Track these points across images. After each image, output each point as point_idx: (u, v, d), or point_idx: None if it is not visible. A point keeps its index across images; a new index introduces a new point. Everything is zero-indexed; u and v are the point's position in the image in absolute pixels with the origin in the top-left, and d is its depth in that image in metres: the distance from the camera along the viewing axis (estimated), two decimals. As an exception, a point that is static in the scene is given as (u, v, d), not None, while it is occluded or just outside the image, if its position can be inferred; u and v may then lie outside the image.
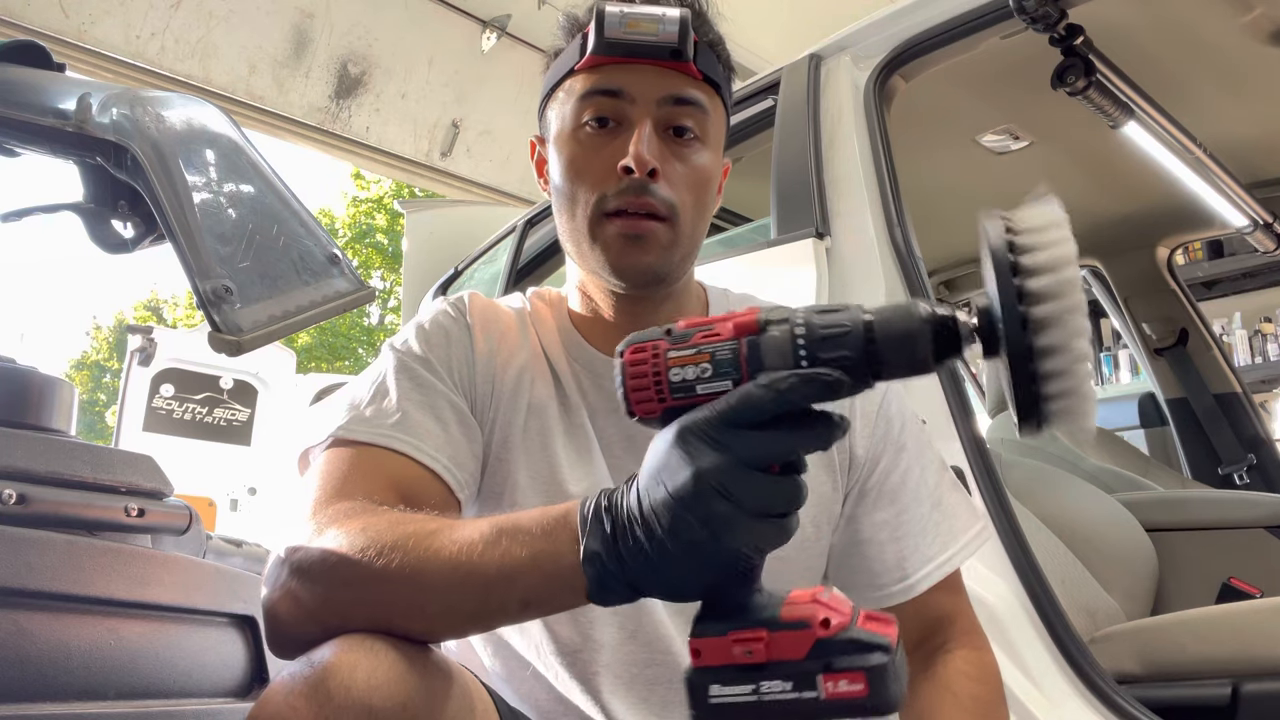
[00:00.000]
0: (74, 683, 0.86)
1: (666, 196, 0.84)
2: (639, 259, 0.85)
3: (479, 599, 0.63)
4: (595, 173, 0.85)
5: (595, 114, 0.86)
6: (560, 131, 0.89)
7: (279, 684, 0.61)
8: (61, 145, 1.11)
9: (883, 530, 0.91)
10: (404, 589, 0.64)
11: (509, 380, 0.89)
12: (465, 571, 0.62)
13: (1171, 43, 1.81)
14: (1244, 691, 1.19)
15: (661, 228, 0.85)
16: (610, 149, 0.85)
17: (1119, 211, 2.48)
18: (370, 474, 0.77)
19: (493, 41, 4.73)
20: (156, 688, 0.96)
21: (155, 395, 6.22)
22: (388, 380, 0.85)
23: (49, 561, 0.87)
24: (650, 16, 0.84)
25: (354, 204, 16.06)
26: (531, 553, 0.61)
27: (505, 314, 0.95)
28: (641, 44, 0.84)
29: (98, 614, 0.91)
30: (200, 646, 1.06)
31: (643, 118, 0.84)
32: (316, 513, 0.72)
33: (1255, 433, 2.49)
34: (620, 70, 0.85)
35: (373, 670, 0.60)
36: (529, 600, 0.62)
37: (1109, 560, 1.69)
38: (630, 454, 0.88)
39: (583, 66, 0.87)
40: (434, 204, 3.88)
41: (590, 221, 0.85)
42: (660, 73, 0.85)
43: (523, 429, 0.88)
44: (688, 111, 0.86)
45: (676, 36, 0.83)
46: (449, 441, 0.83)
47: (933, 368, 0.55)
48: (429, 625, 0.66)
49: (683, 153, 0.86)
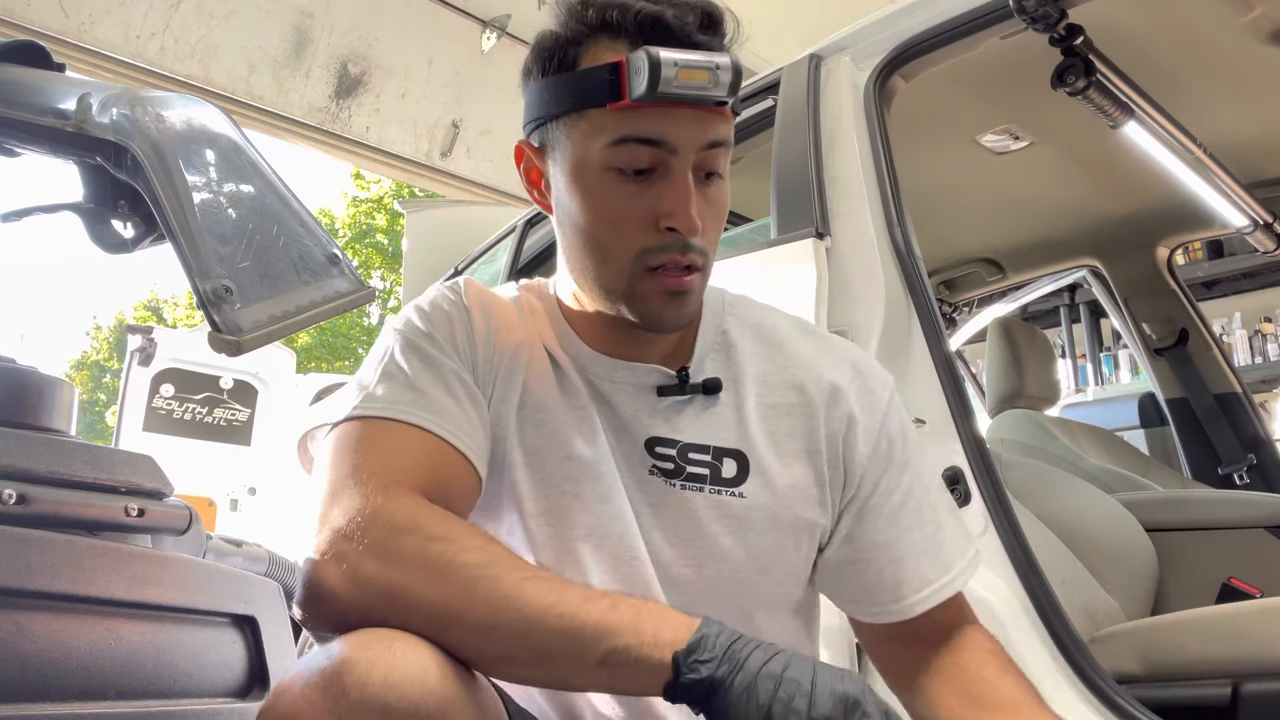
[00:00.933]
0: (74, 683, 0.86)
1: (703, 247, 0.82)
2: (678, 314, 0.84)
3: (565, 673, 0.67)
4: (632, 224, 0.81)
5: (633, 164, 0.80)
6: (582, 165, 0.82)
7: (295, 676, 0.62)
8: (61, 145, 1.11)
9: (882, 552, 0.89)
10: (494, 612, 0.66)
11: (506, 359, 0.88)
12: (559, 611, 0.66)
13: (1171, 43, 1.81)
14: (1244, 691, 1.19)
15: (698, 278, 0.83)
16: (647, 199, 0.80)
17: (1119, 211, 2.48)
18: (399, 450, 0.76)
19: (493, 41, 4.73)
20: (156, 688, 0.96)
21: (155, 395, 6.21)
22: (398, 358, 0.84)
23: (49, 561, 0.87)
24: (704, 65, 0.77)
25: (354, 204, 16.05)
26: (636, 618, 0.67)
27: (501, 299, 0.94)
28: (691, 96, 0.78)
29: (98, 614, 0.91)
30: (200, 646, 1.06)
31: (684, 169, 0.80)
32: (386, 490, 0.72)
33: (1255, 433, 2.48)
34: (662, 118, 0.79)
35: (390, 669, 0.61)
36: (612, 689, 0.68)
37: (1109, 560, 1.69)
38: (620, 442, 0.87)
39: (620, 106, 0.79)
40: (434, 204, 3.88)
41: (631, 277, 0.82)
42: (700, 118, 0.80)
43: (518, 406, 0.87)
44: (720, 153, 0.82)
45: (729, 88, 0.78)
46: (465, 418, 0.82)
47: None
48: (495, 670, 0.69)
49: (712, 194, 0.83)
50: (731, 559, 0.86)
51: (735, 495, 0.86)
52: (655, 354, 0.90)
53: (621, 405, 0.88)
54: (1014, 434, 2.27)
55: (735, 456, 0.87)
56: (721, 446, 0.87)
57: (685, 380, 0.88)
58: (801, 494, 0.88)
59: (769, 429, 0.89)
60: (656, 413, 0.88)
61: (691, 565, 0.86)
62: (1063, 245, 2.67)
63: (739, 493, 0.87)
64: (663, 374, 0.89)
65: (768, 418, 0.89)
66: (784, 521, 0.87)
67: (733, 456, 0.87)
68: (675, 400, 0.88)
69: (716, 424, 0.88)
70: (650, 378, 0.89)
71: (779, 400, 0.90)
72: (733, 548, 0.86)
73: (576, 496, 0.85)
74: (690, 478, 0.87)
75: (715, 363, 0.92)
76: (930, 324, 1.40)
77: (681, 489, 0.86)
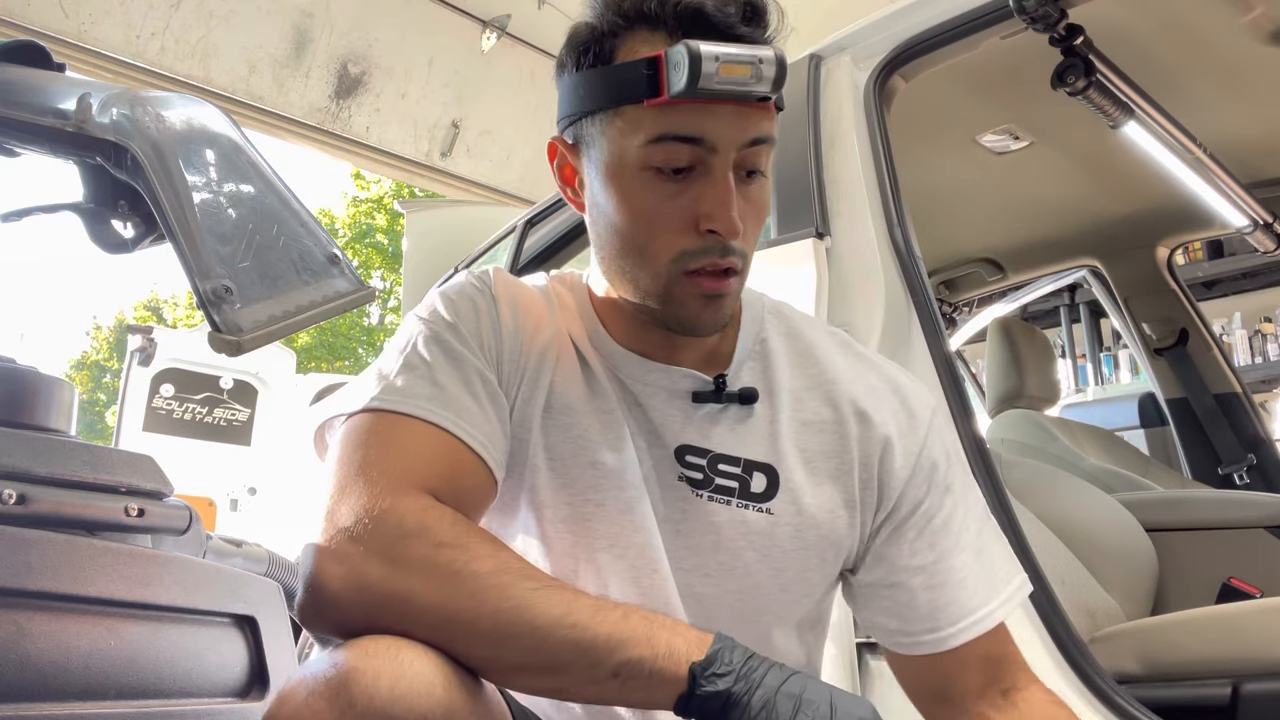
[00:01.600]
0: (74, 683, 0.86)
1: (743, 249, 0.80)
2: (714, 318, 0.81)
3: (576, 683, 0.66)
4: (671, 225, 0.78)
5: (673, 163, 0.77)
6: (619, 164, 0.79)
7: (299, 683, 0.60)
8: (61, 145, 1.11)
9: (918, 575, 0.85)
10: (505, 623, 0.65)
11: (533, 358, 0.85)
12: (571, 621, 0.65)
13: (1171, 43, 1.81)
14: (1244, 691, 1.19)
15: (736, 280, 0.81)
16: (686, 198, 0.77)
17: (1119, 211, 2.48)
18: (412, 448, 0.74)
19: (493, 41, 4.73)
20: (156, 688, 0.96)
21: (155, 395, 6.21)
22: (420, 349, 0.80)
23: (49, 561, 0.87)
24: (747, 59, 0.73)
25: (354, 204, 16.06)
26: (650, 630, 0.66)
27: (530, 291, 0.90)
28: (734, 92, 0.74)
29: (98, 614, 0.91)
30: (200, 646, 1.06)
31: (724, 168, 0.77)
32: (396, 491, 0.69)
33: (1255, 433, 2.49)
34: (702, 115, 0.75)
35: (396, 680, 0.60)
36: (625, 702, 0.66)
37: (1109, 560, 1.69)
38: (651, 446, 0.85)
39: (658, 103, 0.75)
40: (434, 204, 3.88)
41: (668, 279, 0.79)
42: (742, 114, 0.76)
43: (544, 408, 0.84)
44: (762, 151, 0.79)
45: (773, 82, 0.74)
46: (484, 418, 0.79)
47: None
48: (503, 679, 0.68)
49: (753, 194, 0.80)
50: (754, 575, 0.84)
51: (763, 511, 0.84)
52: (691, 358, 0.86)
53: (654, 410, 0.85)
54: (1014, 434, 2.27)
55: (765, 471, 0.85)
56: (752, 460, 0.85)
57: (722, 388, 0.85)
58: (829, 514, 0.85)
59: (801, 445, 0.86)
60: (690, 420, 0.85)
61: (713, 579, 0.84)
62: (1063, 245, 2.67)
63: (767, 509, 0.84)
64: (698, 379, 0.85)
65: (800, 434, 0.86)
66: (809, 541, 0.85)
67: (763, 471, 0.85)
68: (710, 408, 0.85)
69: (749, 436, 0.85)
70: (685, 382, 0.85)
71: (811, 417, 0.87)
72: (756, 564, 0.84)
73: (600, 505, 0.83)
74: (718, 489, 0.84)
75: (752, 372, 0.88)
76: (930, 324, 1.40)
77: (709, 500, 0.84)
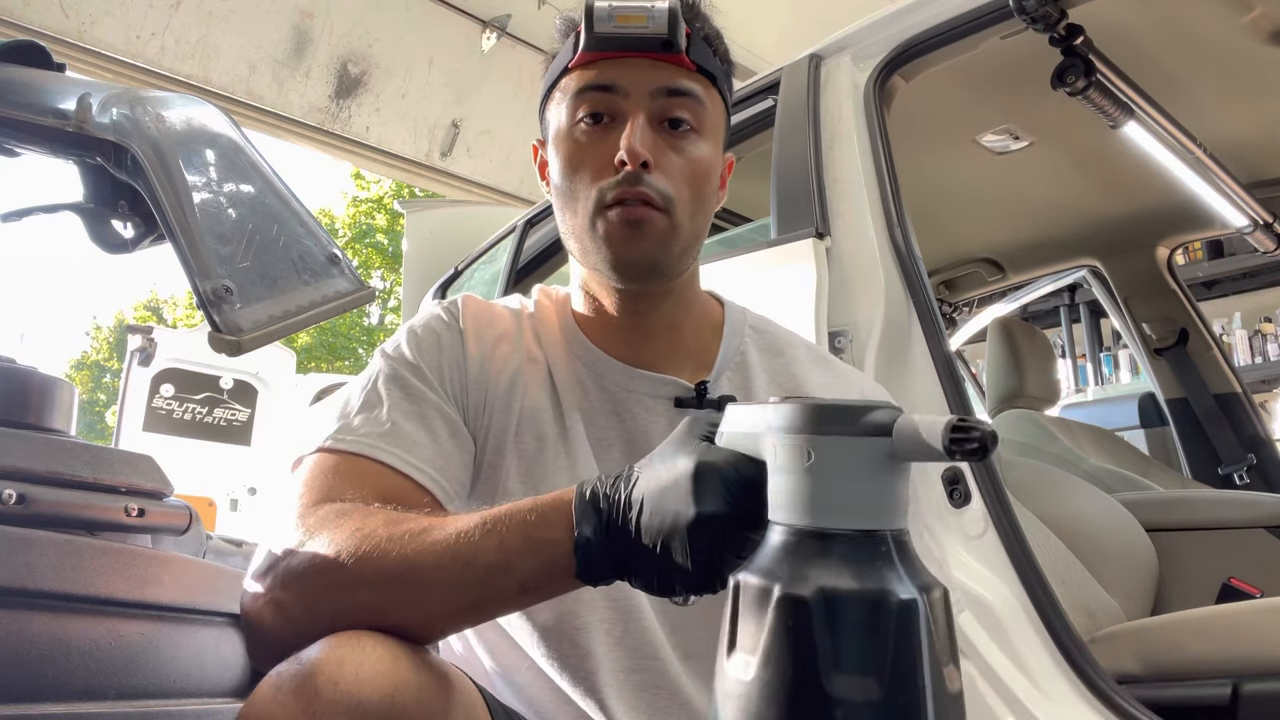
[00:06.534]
0: (74, 683, 0.86)
1: (662, 188, 0.84)
2: (638, 249, 0.85)
3: (478, 588, 0.64)
4: (592, 168, 0.85)
5: (589, 110, 0.86)
6: (558, 131, 0.89)
7: (267, 682, 0.61)
8: (61, 145, 1.11)
9: None
10: (402, 586, 0.64)
11: (502, 386, 0.89)
12: (464, 561, 0.64)
13: (1171, 43, 1.81)
14: (1244, 691, 1.19)
15: (658, 216, 0.84)
16: (606, 144, 0.85)
17: (1119, 211, 2.48)
18: (356, 484, 0.77)
19: (493, 41, 4.73)
20: (156, 688, 0.96)
21: (155, 395, 6.22)
22: (379, 388, 0.86)
23: (49, 561, 0.86)
24: (639, 9, 0.84)
25: (354, 204, 16.06)
26: (527, 538, 0.63)
27: (501, 316, 0.95)
28: (631, 37, 0.84)
29: (98, 614, 0.91)
30: (200, 646, 1.06)
31: (636, 111, 0.85)
32: (304, 518, 0.72)
33: (1255, 433, 2.49)
34: (612, 65, 0.86)
35: (360, 665, 0.60)
36: (526, 585, 0.64)
37: (1109, 560, 1.69)
38: (629, 456, 0.88)
39: (576, 64, 0.87)
40: (434, 204, 3.87)
41: (591, 216, 0.85)
42: (652, 65, 0.85)
43: (515, 434, 0.88)
44: (682, 103, 0.86)
45: (666, 27, 0.83)
46: (439, 453, 0.83)
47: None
48: (428, 621, 0.66)
49: (678, 144, 0.86)
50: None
51: None
52: (673, 366, 0.91)
53: (637, 416, 0.89)
54: (1014, 434, 2.27)
55: None
56: None
57: (703, 395, 0.89)
58: None
59: None
60: (671, 425, 0.87)
61: None
62: (1063, 245, 2.67)
63: None
64: (680, 386, 0.90)
65: None
66: None
67: None
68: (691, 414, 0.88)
69: None
70: (667, 389, 0.90)
71: None
72: None
73: None
74: None
75: (731, 382, 0.93)
76: (930, 324, 1.40)
77: None
